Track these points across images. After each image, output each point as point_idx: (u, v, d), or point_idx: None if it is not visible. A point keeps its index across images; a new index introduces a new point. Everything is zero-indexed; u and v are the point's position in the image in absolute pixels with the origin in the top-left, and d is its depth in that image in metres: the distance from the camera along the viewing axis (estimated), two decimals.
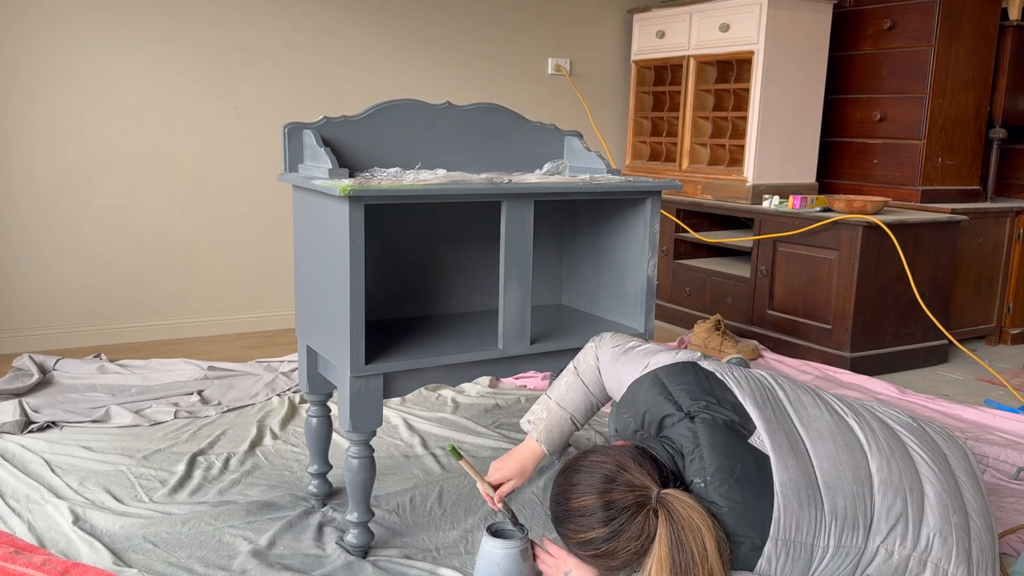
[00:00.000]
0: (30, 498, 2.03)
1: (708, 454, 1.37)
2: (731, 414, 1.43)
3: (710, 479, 1.36)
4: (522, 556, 1.68)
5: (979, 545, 1.42)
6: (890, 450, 1.45)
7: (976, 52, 3.71)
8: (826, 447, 1.41)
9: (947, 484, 1.44)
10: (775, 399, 1.49)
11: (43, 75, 3.22)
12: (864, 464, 1.41)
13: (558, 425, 1.68)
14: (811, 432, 1.44)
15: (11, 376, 2.87)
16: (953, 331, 3.52)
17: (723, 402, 1.45)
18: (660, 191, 1.95)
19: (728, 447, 1.38)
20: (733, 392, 1.47)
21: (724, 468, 1.36)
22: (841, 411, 1.52)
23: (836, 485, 1.37)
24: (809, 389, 1.56)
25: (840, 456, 1.41)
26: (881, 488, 1.39)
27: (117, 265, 3.45)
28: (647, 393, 1.51)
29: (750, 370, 1.57)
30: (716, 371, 1.52)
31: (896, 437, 1.49)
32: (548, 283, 2.27)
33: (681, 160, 4.14)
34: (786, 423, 1.44)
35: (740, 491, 1.34)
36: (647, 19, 4.28)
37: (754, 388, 1.49)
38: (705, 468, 1.37)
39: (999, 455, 2.45)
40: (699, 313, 3.96)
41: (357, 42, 3.79)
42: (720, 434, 1.39)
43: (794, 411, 1.47)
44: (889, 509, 1.38)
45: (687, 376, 1.50)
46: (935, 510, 1.40)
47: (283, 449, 2.41)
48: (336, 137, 1.87)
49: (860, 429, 1.47)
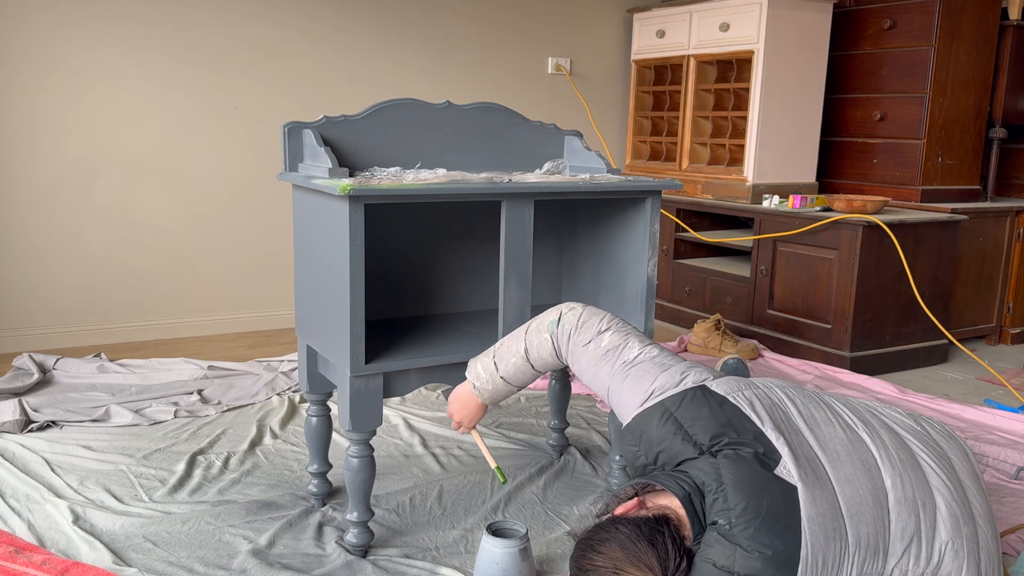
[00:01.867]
0: (30, 497, 2.03)
1: (732, 494, 1.32)
2: (755, 445, 1.37)
3: (735, 521, 1.30)
4: (522, 556, 1.68)
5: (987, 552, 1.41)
6: (902, 464, 1.42)
7: (976, 52, 3.71)
8: (845, 470, 1.38)
9: (956, 494, 1.42)
10: (789, 420, 1.44)
11: (43, 75, 3.21)
12: (880, 483, 1.39)
13: (503, 394, 1.74)
14: (829, 454, 1.39)
15: (11, 375, 2.87)
16: (953, 331, 3.52)
17: (743, 433, 1.38)
18: (660, 191, 1.95)
19: (753, 483, 1.32)
20: (751, 420, 1.41)
21: (750, 509, 1.30)
22: (852, 422, 1.47)
23: (859, 513, 1.34)
24: (815, 398, 1.52)
25: (859, 479, 1.37)
26: (895, 507, 1.37)
27: (117, 264, 3.45)
28: (659, 431, 1.44)
29: (756, 383, 1.52)
30: (729, 395, 1.45)
31: (906, 447, 1.46)
32: (548, 283, 2.27)
33: (681, 160, 4.14)
34: (804, 448, 1.39)
35: (768, 534, 1.29)
36: (647, 18, 4.28)
37: (768, 410, 1.43)
38: (730, 509, 1.31)
39: (999, 455, 2.45)
40: (699, 313, 3.96)
41: (357, 42, 3.79)
42: (744, 469, 1.34)
43: (809, 431, 1.43)
44: (903, 529, 1.36)
45: (700, 409, 1.43)
46: (947, 523, 1.39)
47: (283, 448, 2.41)
48: (336, 136, 1.87)
49: (872, 442, 1.44)
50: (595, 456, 2.41)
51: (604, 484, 2.23)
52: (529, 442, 2.50)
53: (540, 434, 2.58)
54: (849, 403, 1.55)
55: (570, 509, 2.09)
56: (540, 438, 2.54)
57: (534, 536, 1.93)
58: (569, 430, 2.52)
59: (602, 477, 2.28)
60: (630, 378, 1.53)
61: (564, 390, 2.37)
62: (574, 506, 2.11)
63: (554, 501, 2.13)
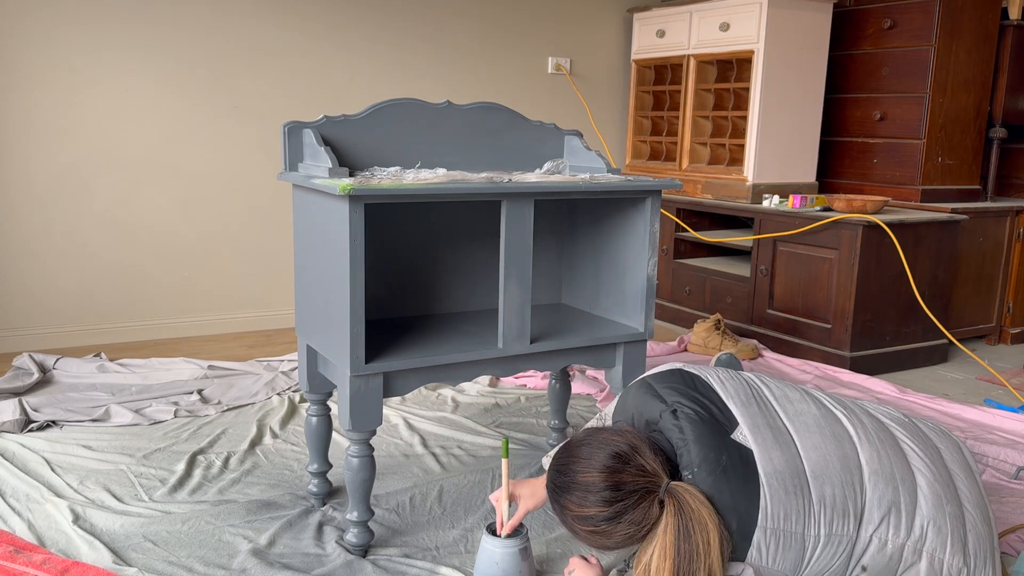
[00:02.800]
0: (30, 497, 2.03)
1: (694, 447, 1.42)
2: (713, 411, 1.47)
3: (697, 470, 1.40)
4: (522, 555, 1.68)
5: (975, 535, 1.42)
6: (880, 442, 1.47)
7: (976, 51, 3.71)
8: (812, 439, 1.45)
9: (939, 475, 1.46)
10: (760, 396, 1.53)
11: (43, 74, 3.21)
12: (853, 455, 1.44)
13: None
14: (797, 425, 1.47)
15: (11, 375, 2.87)
16: (953, 330, 3.52)
17: (706, 399, 1.50)
18: (660, 190, 1.95)
19: (712, 439, 1.42)
20: (716, 392, 1.52)
21: (710, 459, 1.40)
22: (830, 405, 1.55)
23: (824, 475, 1.40)
24: (798, 389, 1.59)
25: (827, 447, 1.44)
26: (872, 478, 1.42)
27: (117, 264, 3.45)
28: (635, 396, 1.58)
29: (739, 372, 1.61)
30: (701, 374, 1.57)
31: (886, 430, 1.52)
32: (548, 282, 2.27)
33: (681, 159, 4.14)
34: (771, 418, 1.48)
35: (727, 481, 1.38)
36: (647, 18, 4.28)
37: (738, 387, 1.54)
38: (692, 460, 1.41)
39: (999, 455, 2.45)
40: (699, 312, 3.96)
41: (357, 41, 3.79)
42: (704, 427, 1.44)
43: (780, 406, 1.51)
44: (880, 498, 1.40)
45: (673, 378, 1.56)
46: (928, 499, 1.42)
47: (283, 448, 2.41)
48: (336, 136, 1.87)
49: (849, 422, 1.51)
50: None
51: None
52: (529, 442, 2.50)
53: (540, 434, 2.58)
54: (836, 396, 1.61)
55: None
56: (540, 438, 2.54)
57: (534, 536, 1.93)
58: (569, 430, 2.52)
59: None
60: None
61: (564, 390, 2.37)
62: None
63: None
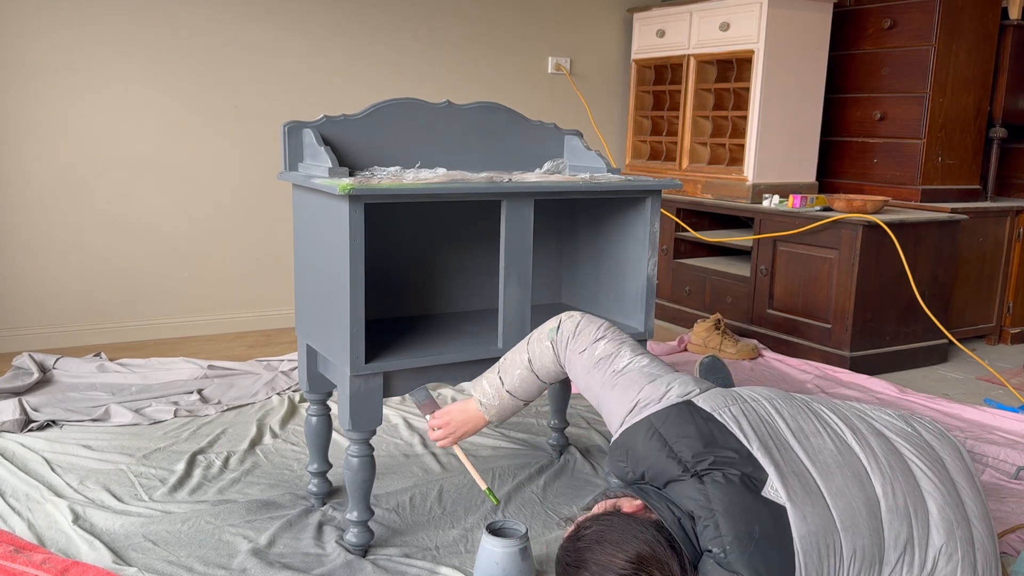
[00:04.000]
0: (30, 497, 2.03)
1: (724, 522, 1.33)
2: (741, 466, 1.37)
3: (729, 548, 1.31)
4: (522, 555, 1.68)
5: (983, 553, 1.41)
6: (891, 470, 1.42)
7: (976, 51, 3.71)
8: (836, 482, 1.38)
9: (949, 497, 1.43)
10: (778, 435, 1.44)
11: (43, 74, 3.21)
12: (872, 492, 1.39)
13: (510, 409, 1.73)
14: (819, 467, 1.40)
15: (11, 375, 2.87)
16: (953, 330, 3.52)
17: (729, 452, 1.39)
18: (660, 190, 1.95)
19: (743, 509, 1.33)
20: (737, 438, 1.41)
21: (742, 535, 1.31)
22: (840, 431, 1.47)
23: (853, 525, 1.35)
24: (803, 408, 1.51)
25: (851, 490, 1.38)
26: (888, 515, 1.38)
27: (117, 264, 3.45)
28: (645, 447, 1.45)
29: (743, 395, 1.52)
30: (715, 412, 1.45)
31: (896, 452, 1.46)
32: (548, 282, 2.27)
33: (681, 159, 4.14)
34: (795, 464, 1.39)
35: (763, 558, 1.30)
36: (647, 18, 4.28)
37: (755, 426, 1.43)
38: (722, 537, 1.32)
39: (999, 455, 2.45)
40: (699, 312, 3.96)
41: (357, 41, 3.79)
42: (733, 494, 1.34)
43: (799, 444, 1.43)
44: (896, 537, 1.37)
45: (686, 426, 1.43)
46: (940, 528, 1.39)
47: (283, 448, 2.41)
48: (336, 136, 1.87)
49: (861, 450, 1.44)
50: (595, 456, 2.41)
51: (604, 484, 2.23)
52: (529, 442, 2.50)
53: (540, 434, 2.58)
54: (838, 409, 1.54)
55: (570, 509, 2.09)
56: (540, 438, 2.54)
57: (534, 536, 1.93)
58: (569, 430, 2.52)
59: (602, 477, 2.28)
60: (618, 387, 1.56)
61: (564, 390, 2.37)
62: (574, 506, 2.11)
63: (554, 501, 2.13)
